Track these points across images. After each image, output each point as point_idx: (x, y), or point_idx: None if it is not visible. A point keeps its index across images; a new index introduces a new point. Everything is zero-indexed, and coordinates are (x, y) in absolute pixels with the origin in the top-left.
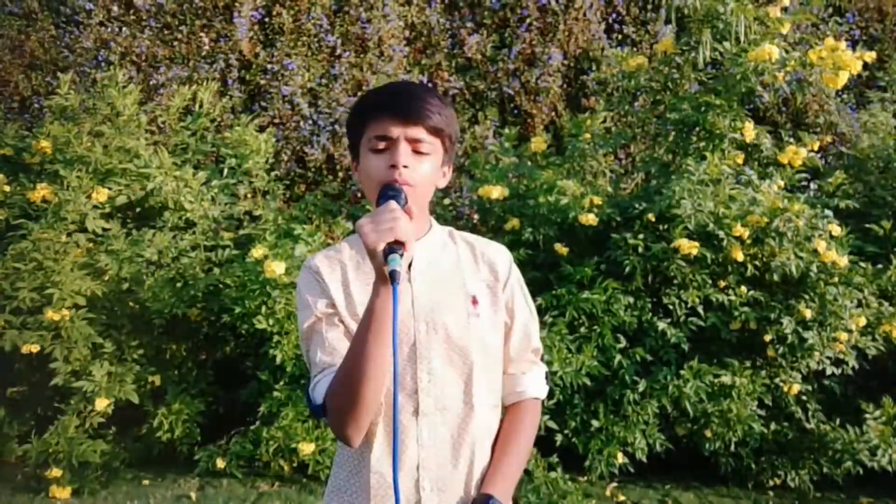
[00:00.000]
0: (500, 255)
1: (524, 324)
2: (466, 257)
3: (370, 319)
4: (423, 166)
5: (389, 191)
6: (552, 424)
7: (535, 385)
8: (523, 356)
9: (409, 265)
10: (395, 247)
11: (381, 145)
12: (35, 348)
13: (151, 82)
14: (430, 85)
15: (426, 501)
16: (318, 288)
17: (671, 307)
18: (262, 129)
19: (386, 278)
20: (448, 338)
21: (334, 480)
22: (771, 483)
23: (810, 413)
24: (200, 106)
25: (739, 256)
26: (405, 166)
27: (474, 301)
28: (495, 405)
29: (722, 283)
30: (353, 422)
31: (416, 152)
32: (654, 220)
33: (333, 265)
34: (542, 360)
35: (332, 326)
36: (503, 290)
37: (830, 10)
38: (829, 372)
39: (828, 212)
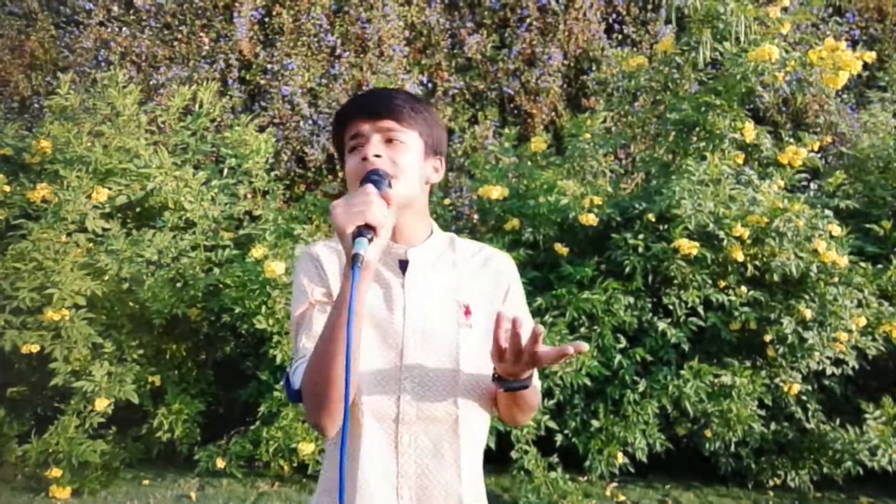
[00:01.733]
0: (502, 264)
1: (527, 331)
2: (465, 266)
3: (339, 305)
4: (400, 156)
5: (372, 175)
6: (552, 424)
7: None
8: None
9: (404, 271)
10: (365, 231)
11: (355, 143)
12: (35, 348)
13: (151, 82)
14: (429, 85)
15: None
16: (317, 275)
17: (671, 307)
18: (262, 129)
19: (365, 263)
20: (437, 348)
21: (324, 479)
22: (771, 483)
23: (810, 413)
24: (200, 106)
25: (739, 256)
26: (377, 155)
27: (467, 311)
28: (484, 418)
29: (722, 283)
30: (323, 408)
31: (390, 142)
32: (654, 220)
33: (332, 255)
34: None
35: (322, 314)
36: (504, 301)
37: (830, 10)
38: (829, 372)
39: (828, 212)
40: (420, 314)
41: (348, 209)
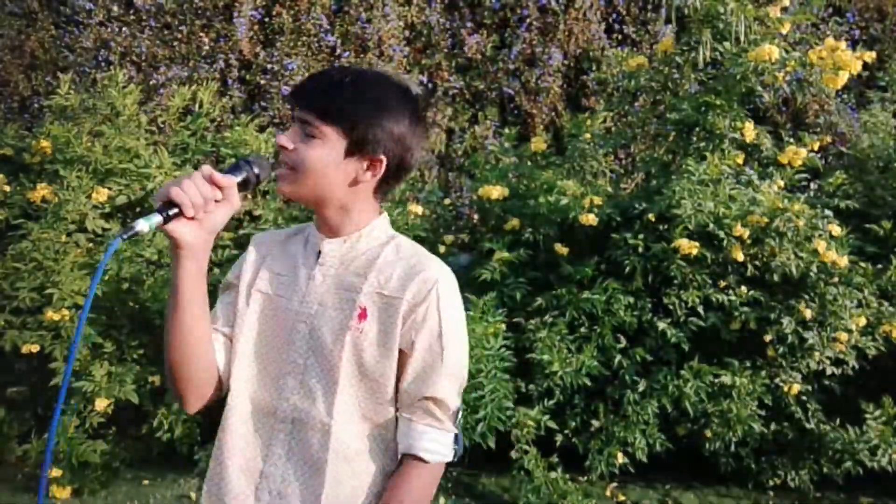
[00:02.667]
0: (421, 276)
1: (422, 363)
2: (383, 268)
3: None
4: (309, 150)
5: (240, 160)
6: (552, 424)
7: (423, 442)
8: (414, 401)
9: (317, 260)
10: (167, 206)
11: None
12: (35, 348)
13: (151, 82)
14: (429, 85)
15: None
16: (238, 261)
17: (671, 307)
18: (262, 129)
19: (175, 242)
20: (322, 347)
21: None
22: (771, 483)
23: (810, 413)
24: (200, 106)
25: (739, 256)
26: (285, 147)
27: (362, 314)
28: (370, 434)
29: (722, 283)
30: (174, 386)
31: (306, 134)
32: (654, 220)
33: (265, 240)
34: (452, 419)
35: (225, 295)
36: (406, 315)
37: (830, 10)
38: (829, 372)
39: (828, 212)
40: (316, 310)
41: (167, 186)
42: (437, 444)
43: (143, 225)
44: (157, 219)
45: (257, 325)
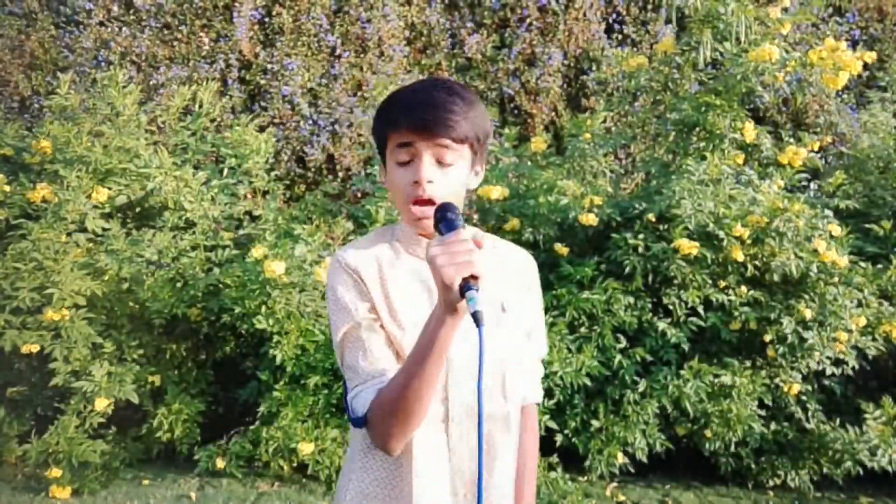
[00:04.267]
0: (527, 262)
1: (540, 330)
2: (495, 262)
3: (432, 348)
4: (448, 178)
5: (448, 213)
6: (552, 424)
7: (537, 389)
8: (534, 361)
9: None
10: (472, 282)
11: (405, 157)
12: (35, 348)
13: (151, 82)
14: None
15: None
16: (357, 290)
17: (671, 307)
18: (262, 129)
19: (454, 309)
20: (481, 346)
21: (359, 485)
22: (771, 483)
23: (810, 413)
24: (200, 106)
25: (739, 256)
26: (429, 181)
27: (503, 308)
28: (520, 409)
29: (722, 283)
30: (400, 436)
31: (441, 163)
32: (654, 220)
33: (369, 262)
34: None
35: (374, 333)
36: (528, 297)
37: (830, 10)
38: (829, 372)
39: (828, 212)
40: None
41: (452, 258)
42: (540, 385)
43: (481, 307)
44: (477, 297)
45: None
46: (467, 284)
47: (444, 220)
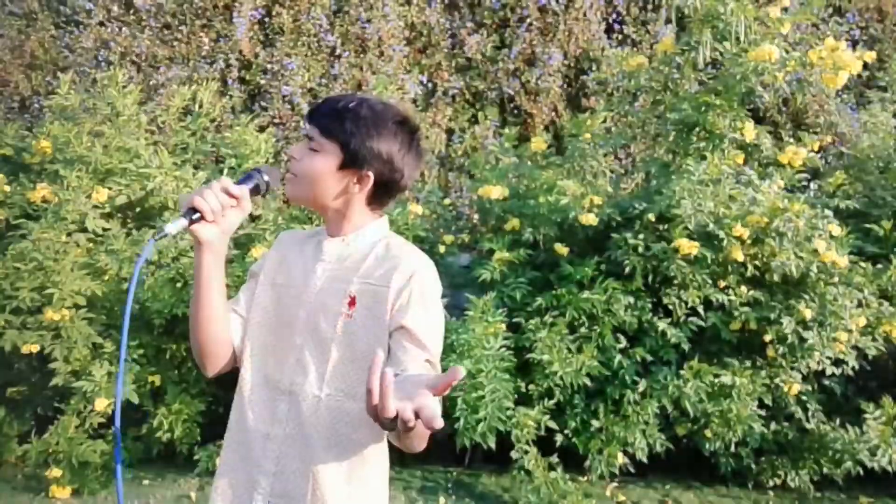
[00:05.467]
0: (403, 267)
1: (424, 332)
2: (372, 262)
3: (195, 271)
4: (309, 161)
5: (253, 170)
6: (552, 424)
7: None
8: (419, 362)
9: (320, 257)
10: (190, 212)
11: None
12: (35, 348)
13: (151, 82)
14: (429, 85)
15: (273, 470)
16: (265, 255)
17: (671, 307)
18: (262, 129)
19: (197, 241)
20: (317, 330)
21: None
22: (771, 483)
23: (810, 413)
24: (200, 106)
25: (739, 256)
26: (292, 156)
27: (352, 302)
28: (361, 414)
29: (722, 283)
30: (195, 351)
31: (311, 149)
32: (654, 220)
33: (287, 238)
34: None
35: (248, 283)
36: (394, 298)
37: (830, 10)
38: (829, 372)
39: (828, 212)
40: (315, 299)
41: (196, 194)
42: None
43: (171, 227)
44: (182, 223)
45: (267, 309)
46: (186, 212)
47: (246, 174)
